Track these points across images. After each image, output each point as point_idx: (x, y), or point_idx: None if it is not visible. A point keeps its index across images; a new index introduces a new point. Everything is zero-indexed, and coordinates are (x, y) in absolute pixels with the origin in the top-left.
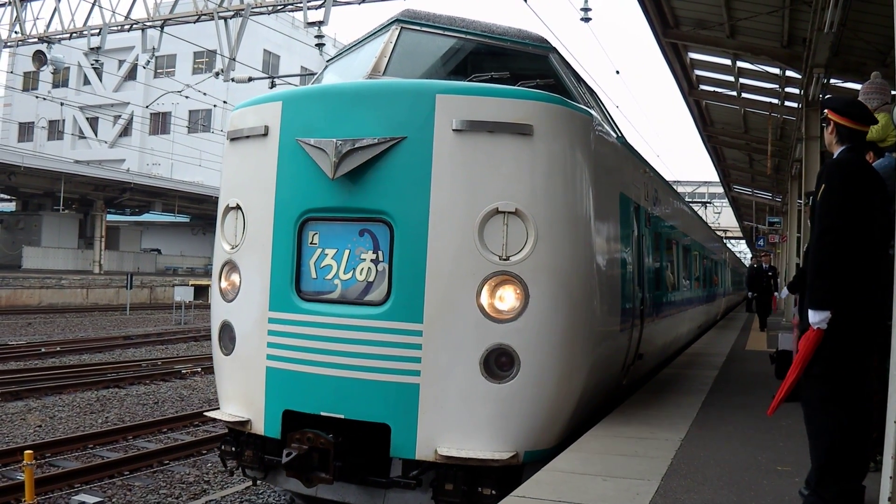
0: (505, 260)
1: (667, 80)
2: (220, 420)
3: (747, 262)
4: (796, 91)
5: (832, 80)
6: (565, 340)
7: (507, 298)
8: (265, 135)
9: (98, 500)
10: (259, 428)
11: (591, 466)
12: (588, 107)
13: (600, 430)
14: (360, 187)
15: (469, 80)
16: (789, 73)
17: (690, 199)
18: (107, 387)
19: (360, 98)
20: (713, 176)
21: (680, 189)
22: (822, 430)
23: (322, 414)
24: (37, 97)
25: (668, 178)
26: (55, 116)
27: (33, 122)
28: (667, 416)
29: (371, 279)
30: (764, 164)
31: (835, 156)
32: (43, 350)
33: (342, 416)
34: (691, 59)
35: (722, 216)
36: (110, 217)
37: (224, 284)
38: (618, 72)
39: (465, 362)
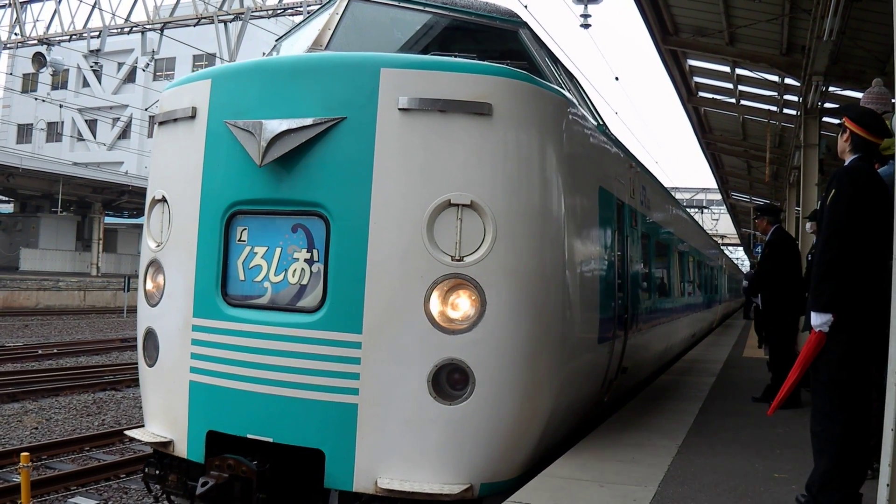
0: (458, 261)
1: (666, 87)
2: (140, 441)
3: (745, 270)
4: (795, 99)
5: (831, 88)
6: (529, 354)
7: (461, 306)
8: (193, 117)
9: (94, 502)
10: (182, 450)
11: (587, 472)
12: (565, 90)
13: (597, 436)
14: (292, 176)
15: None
16: (788, 81)
17: (688, 206)
18: (104, 389)
19: (294, 74)
20: (711, 183)
21: (678, 195)
22: (830, 437)
23: (249, 437)
24: (36, 99)
25: (666, 184)
26: (54, 118)
27: (32, 124)
28: (664, 422)
29: (304, 282)
30: (762, 171)
31: (846, 163)
32: (40, 352)
33: (271, 440)
34: (690, 65)
35: (720, 223)
36: (108, 219)
37: (150, 286)
38: (617, 78)
39: (410, 379)
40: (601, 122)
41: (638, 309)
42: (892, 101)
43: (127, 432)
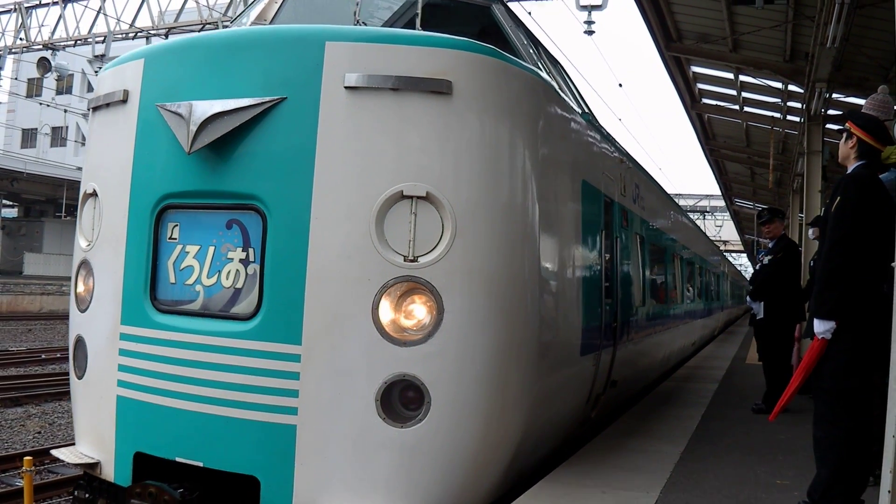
0: (412, 261)
1: (669, 94)
2: (66, 461)
3: (748, 276)
4: (798, 105)
5: (834, 95)
6: (495, 369)
7: (414, 313)
8: (125, 101)
9: None
10: (109, 473)
11: (589, 479)
12: (542, 71)
13: (599, 442)
14: (226, 165)
15: None
16: (792, 88)
17: (691, 211)
18: None
19: (230, 50)
20: (715, 189)
21: (682, 202)
22: (832, 444)
23: (178, 460)
24: (40, 104)
25: (670, 190)
26: (58, 123)
27: (36, 129)
28: (666, 428)
29: (239, 285)
30: (766, 177)
31: (850, 170)
32: (43, 356)
33: (201, 464)
34: (694, 72)
35: (723, 229)
36: None
37: (80, 289)
38: (620, 85)
39: (356, 398)
40: (587, 111)
41: (629, 317)
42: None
43: (53, 451)
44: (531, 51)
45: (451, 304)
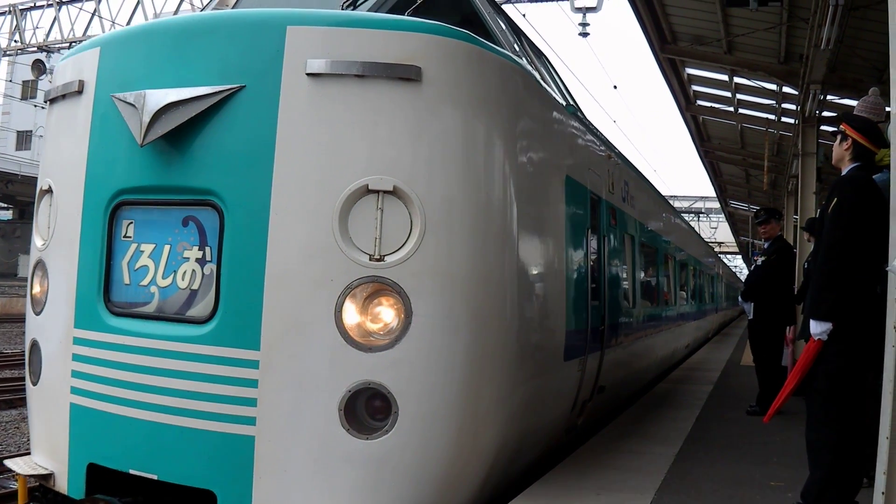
0: (377, 260)
1: (664, 96)
2: (17, 473)
3: (743, 277)
4: (793, 107)
5: (829, 97)
6: (468, 376)
7: (380, 316)
8: (80, 92)
9: None
10: (62, 485)
11: (585, 480)
12: (522, 59)
13: (595, 444)
14: (182, 158)
15: None
16: (786, 90)
17: (686, 213)
18: None
19: (187, 37)
20: (710, 191)
21: (677, 204)
22: (825, 446)
23: (132, 472)
24: (35, 106)
25: (665, 192)
26: None
27: (31, 131)
28: (661, 430)
29: (195, 286)
30: (761, 179)
31: (845, 171)
32: None
33: (155, 477)
34: (689, 74)
35: (718, 231)
36: None
37: (36, 291)
38: (615, 87)
39: (319, 407)
40: (573, 104)
41: (618, 319)
42: (888, 110)
43: (7, 462)
44: (511, 39)
45: (420, 306)
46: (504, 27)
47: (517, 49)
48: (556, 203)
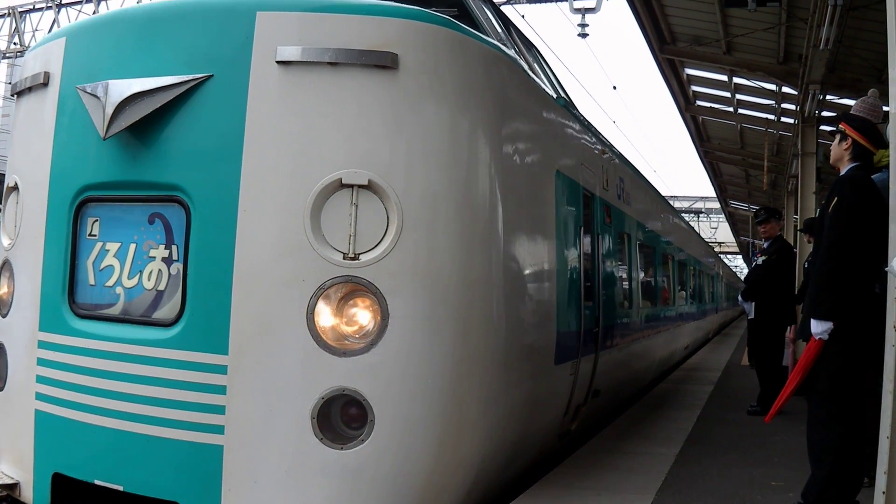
0: (352, 259)
1: (664, 96)
2: None
3: (743, 277)
4: (792, 107)
5: (828, 97)
6: (449, 382)
7: (355, 318)
8: (46, 84)
9: None
10: (28, 495)
11: (585, 481)
12: (508, 48)
13: (595, 445)
14: (148, 153)
15: None
16: (785, 90)
17: (686, 213)
18: None
19: (154, 24)
20: (710, 191)
21: (677, 204)
22: (826, 446)
23: (97, 483)
24: None
25: (665, 193)
26: None
27: None
28: (661, 431)
29: (162, 287)
30: (760, 179)
31: (844, 171)
32: None
33: (121, 488)
34: (688, 74)
35: (719, 231)
36: None
37: (3, 292)
38: (615, 87)
39: (290, 415)
40: (564, 97)
41: (613, 320)
42: (886, 110)
43: None
44: (498, 27)
45: (398, 308)
46: (490, 15)
47: (504, 38)
48: (546, 199)
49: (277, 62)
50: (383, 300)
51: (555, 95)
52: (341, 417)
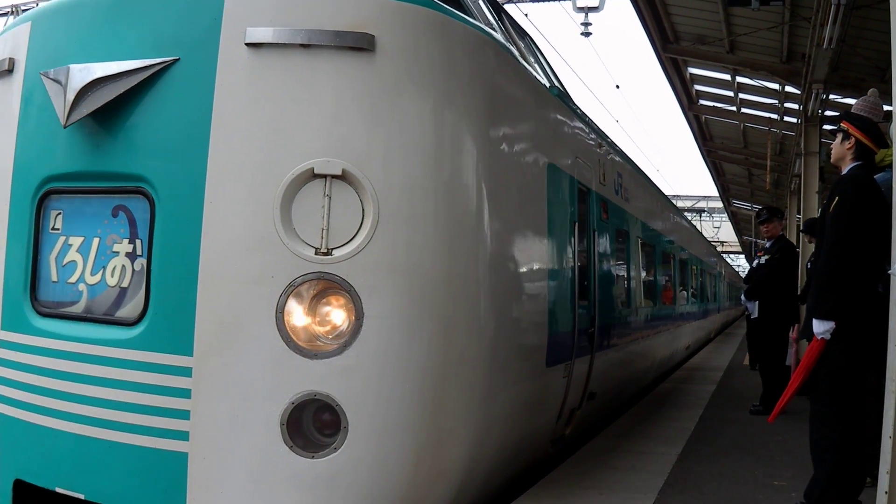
0: (325, 255)
1: (667, 95)
2: None
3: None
4: (795, 107)
5: (831, 96)
6: (428, 386)
7: (328, 318)
8: (10, 71)
9: None
10: None
11: (587, 480)
12: (496, 32)
13: (597, 444)
14: (111, 141)
15: None
16: (788, 89)
17: (689, 212)
18: None
19: (119, 6)
20: (713, 191)
21: (680, 203)
22: (829, 445)
23: (57, 490)
24: None
25: (667, 192)
26: None
27: None
28: (664, 430)
29: (125, 283)
30: (763, 178)
31: (846, 170)
32: None
33: (82, 496)
34: (691, 74)
35: (721, 230)
36: None
37: None
38: (618, 86)
39: (259, 421)
40: (558, 87)
41: (610, 320)
42: (888, 109)
43: None
44: (486, 10)
45: (373, 306)
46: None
47: (493, 23)
48: (537, 193)
49: (247, 44)
50: (357, 298)
51: (548, 85)
52: (313, 424)
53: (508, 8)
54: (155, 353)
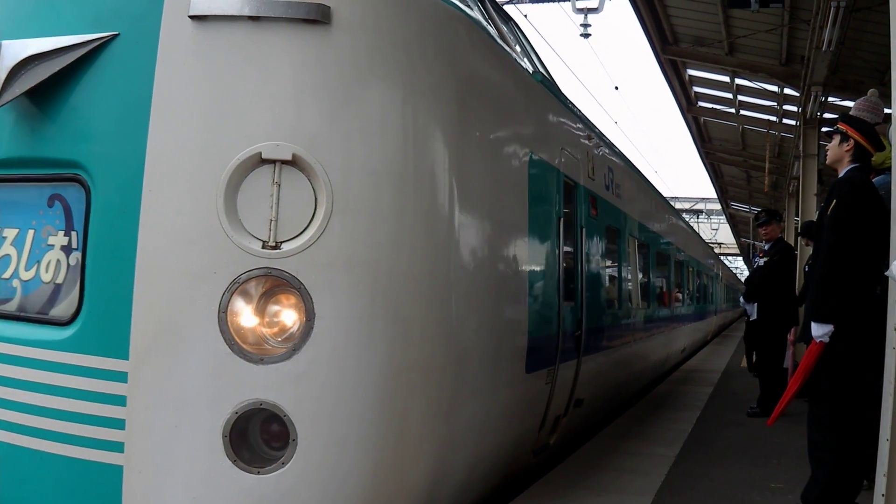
0: (272, 248)
1: (665, 97)
2: None
3: (743, 279)
4: (794, 109)
5: (830, 99)
6: (387, 395)
7: (275, 319)
8: None
9: None
10: None
11: (585, 481)
12: (486, 21)
13: (594, 445)
14: (47, 125)
15: None
16: (787, 91)
17: (687, 213)
18: None
19: None
20: (711, 192)
21: (678, 205)
22: (828, 447)
23: None
24: None
25: (666, 193)
26: None
27: None
28: (661, 432)
29: (60, 280)
30: (762, 181)
31: (843, 172)
32: None
33: None
34: (690, 75)
35: (719, 232)
36: None
37: None
38: (617, 87)
39: (199, 432)
40: (543, 74)
41: (599, 323)
42: (888, 112)
43: None
44: None
45: (326, 306)
46: None
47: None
48: (517, 185)
49: (191, 17)
50: (308, 297)
51: (531, 70)
52: (260, 436)
53: (508, 8)
54: (88, 355)
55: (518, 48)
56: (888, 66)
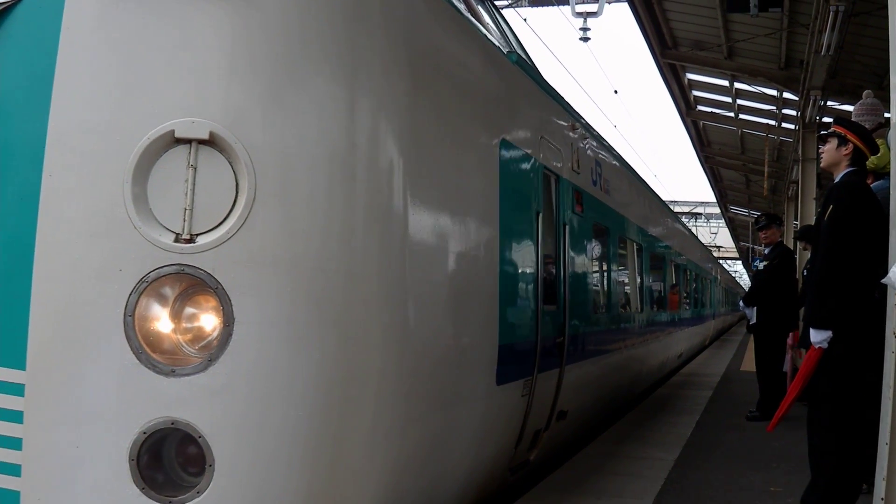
0: (186, 242)
1: (665, 101)
2: None
3: (742, 283)
4: (793, 113)
5: (829, 103)
6: (323, 411)
7: (192, 324)
8: None
9: None
10: None
11: (584, 485)
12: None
13: (593, 449)
14: None
15: None
16: (787, 95)
17: (685, 216)
18: None
19: None
20: (710, 196)
21: (677, 209)
22: (828, 451)
23: None
24: None
25: (665, 197)
26: None
27: None
28: (660, 435)
29: None
30: (761, 185)
31: (840, 177)
32: None
33: None
34: (689, 79)
35: (718, 236)
36: None
37: None
38: (616, 91)
39: (103, 454)
40: (519, 54)
41: (585, 329)
42: (887, 117)
43: None
44: None
45: (247, 310)
46: None
47: None
48: (485, 174)
49: None
50: (226, 299)
51: (506, 50)
52: (176, 458)
53: (506, 13)
54: None
55: (493, 26)
56: (887, 70)
